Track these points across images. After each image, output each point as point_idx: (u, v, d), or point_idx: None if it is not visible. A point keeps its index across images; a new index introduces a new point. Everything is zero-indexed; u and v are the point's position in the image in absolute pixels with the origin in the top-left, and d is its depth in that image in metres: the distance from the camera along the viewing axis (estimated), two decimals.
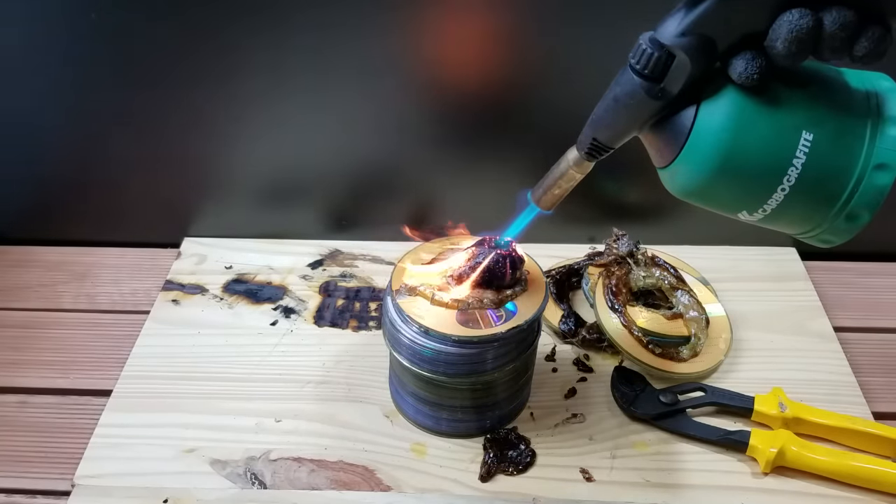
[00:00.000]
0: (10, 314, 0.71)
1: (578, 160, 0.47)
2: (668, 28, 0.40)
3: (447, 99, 0.71)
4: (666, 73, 0.41)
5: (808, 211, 0.43)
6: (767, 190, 0.42)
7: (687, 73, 0.41)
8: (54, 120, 0.72)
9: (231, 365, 0.65)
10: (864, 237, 0.47)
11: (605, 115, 0.44)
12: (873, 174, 0.41)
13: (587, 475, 0.57)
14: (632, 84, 0.42)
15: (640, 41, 0.41)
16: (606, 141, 0.45)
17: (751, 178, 0.42)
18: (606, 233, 0.71)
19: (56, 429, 0.61)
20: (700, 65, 0.40)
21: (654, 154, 0.46)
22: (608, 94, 0.44)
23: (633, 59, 0.41)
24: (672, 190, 0.45)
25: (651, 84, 0.42)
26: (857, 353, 0.67)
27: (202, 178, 0.76)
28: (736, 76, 0.40)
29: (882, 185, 0.41)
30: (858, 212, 0.42)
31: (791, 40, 0.38)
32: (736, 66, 0.40)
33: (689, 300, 0.67)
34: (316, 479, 0.56)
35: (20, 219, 0.79)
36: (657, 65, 0.41)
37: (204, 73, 0.69)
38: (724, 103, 0.41)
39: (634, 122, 0.44)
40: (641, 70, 0.41)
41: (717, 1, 0.39)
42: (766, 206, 0.43)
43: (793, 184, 0.41)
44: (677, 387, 0.61)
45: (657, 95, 0.42)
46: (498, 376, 0.56)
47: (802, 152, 0.41)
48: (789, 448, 0.56)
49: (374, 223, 0.78)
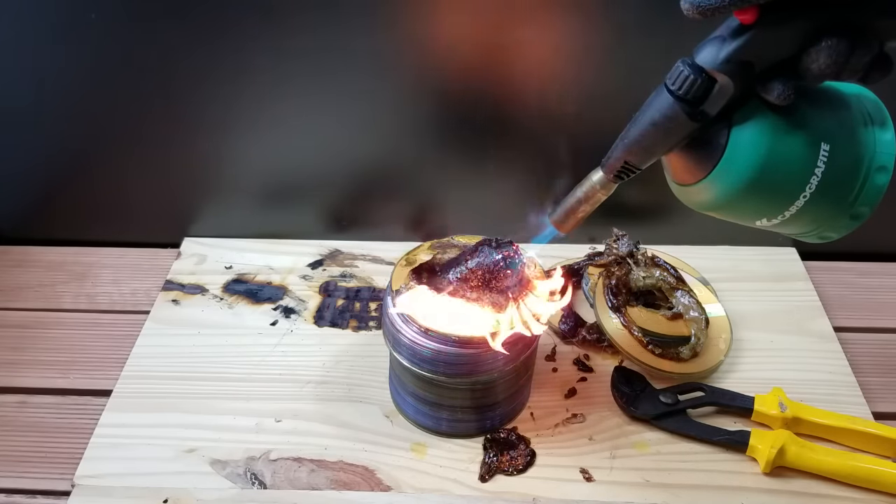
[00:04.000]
0: (10, 314, 0.71)
1: (605, 182, 0.48)
2: (708, 54, 0.42)
3: (447, 99, 0.71)
4: (707, 97, 0.43)
5: (820, 213, 0.45)
6: (791, 198, 0.44)
7: (728, 96, 0.42)
8: (54, 120, 0.72)
9: (231, 365, 0.65)
10: (864, 237, 0.47)
11: (640, 138, 0.45)
12: (874, 175, 0.44)
13: (587, 475, 0.57)
14: (671, 107, 0.43)
15: (680, 66, 0.42)
16: (638, 163, 0.46)
17: (779, 190, 0.44)
18: (606, 233, 0.71)
19: (56, 429, 0.61)
20: (740, 88, 0.42)
21: (680, 172, 0.47)
22: (642, 118, 0.45)
23: (674, 84, 0.43)
24: (696, 204, 0.47)
25: (691, 107, 0.43)
26: (857, 353, 0.67)
27: (202, 178, 0.76)
28: (774, 97, 0.42)
29: (882, 184, 0.44)
30: (861, 210, 0.45)
31: (829, 65, 0.40)
32: (774, 87, 0.41)
33: (689, 300, 0.67)
34: (316, 479, 0.56)
35: (20, 219, 0.79)
36: (699, 89, 0.42)
37: (204, 74, 0.69)
38: (758, 122, 0.43)
39: (670, 143, 0.45)
40: (683, 94, 0.43)
41: (761, 30, 0.40)
42: (786, 213, 0.45)
43: (813, 191, 0.44)
44: (677, 387, 0.61)
45: (697, 117, 0.43)
46: (498, 376, 0.56)
47: (822, 161, 0.43)
48: (789, 448, 0.56)
49: (374, 223, 0.78)
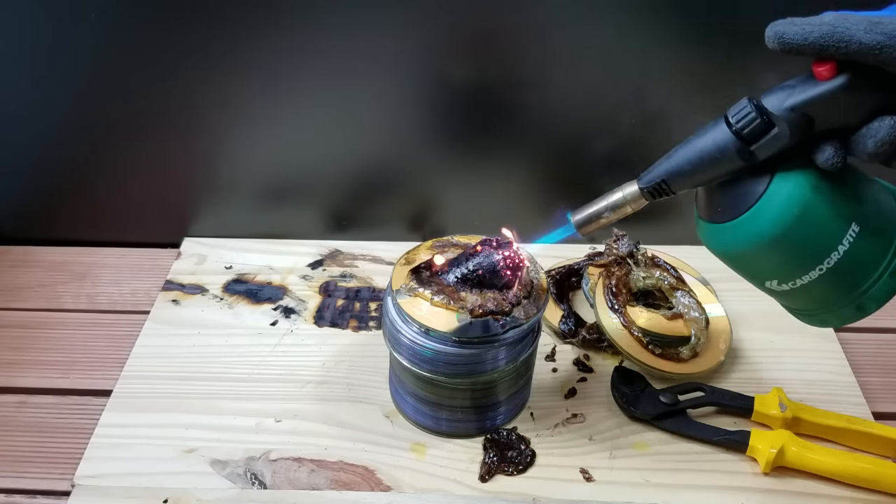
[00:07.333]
0: (10, 314, 0.71)
1: (637, 196, 0.47)
2: (775, 98, 0.42)
3: (447, 99, 0.71)
4: (760, 139, 0.42)
5: (829, 293, 0.45)
6: (807, 268, 0.44)
7: (782, 145, 0.42)
8: (54, 120, 0.72)
9: (231, 365, 0.65)
10: None
11: (685, 163, 0.45)
12: (890, 276, 0.44)
13: (587, 475, 0.57)
14: (725, 140, 0.43)
15: (744, 103, 0.42)
16: (675, 185, 0.46)
17: (797, 255, 0.44)
18: (606, 233, 0.71)
19: (56, 429, 0.61)
20: (795, 140, 0.42)
21: (709, 208, 0.46)
22: (694, 143, 0.44)
23: (734, 118, 0.43)
24: (715, 245, 0.46)
25: (744, 144, 0.43)
26: (857, 353, 0.67)
27: (202, 178, 0.76)
28: (822, 160, 0.42)
29: (894, 288, 0.44)
30: (868, 304, 0.44)
31: (886, 143, 0.40)
32: (825, 151, 0.41)
33: (689, 300, 0.67)
34: (316, 479, 0.56)
35: (20, 219, 0.79)
36: (756, 129, 0.42)
37: (204, 73, 0.69)
38: (799, 180, 0.43)
39: (711, 175, 0.45)
40: (740, 130, 0.42)
41: (833, 89, 0.40)
42: (798, 281, 0.44)
43: (831, 266, 0.43)
44: (677, 387, 0.61)
45: (745, 156, 0.43)
46: (498, 376, 0.56)
47: (848, 241, 0.43)
48: (789, 448, 0.56)
49: (374, 223, 0.78)
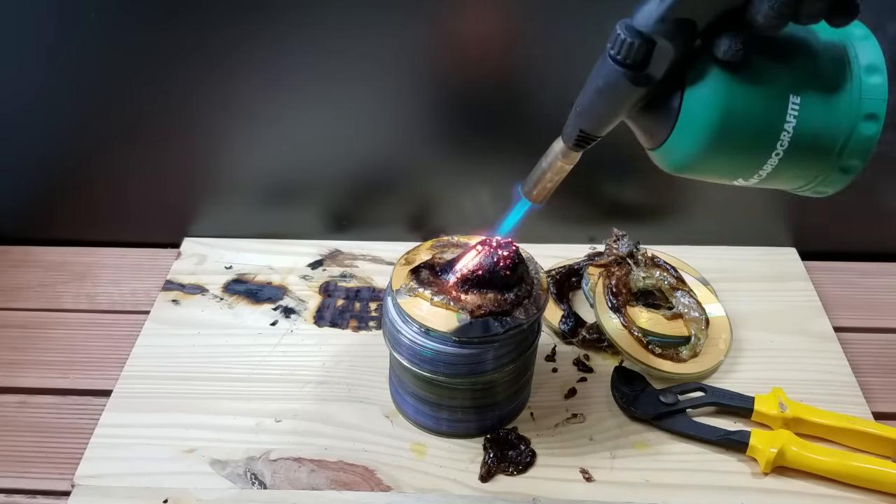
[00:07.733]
0: (10, 314, 0.71)
1: (566, 151, 0.47)
2: (644, 15, 0.40)
3: (447, 99, 0.71)
4: (648, 60, 0.41)
5: (802, 169, 0.43)
6: (762, 157, 0.42)
7: (670, 58, 0.40)
8: (54, 120, 0.72)
9: (231, 365, 0.65)
10: (864, 237, 0.48)
11: (589, 107, 0.44)
12: (861, 125, 0.41)
13: (587, 475, 0.57)
14: (614, 74, 0.41)
15: (618, 30, 0.40)
16: (592, 130, 0.45)
17: (744, 149, 0.42)
18: (606, 233, 0.71)
19: (56, 429, 0.61)
20: (682, 47, 0.40)
21: (643, 136, 0.46)
22: (590, 86, 0.43)
23: (613, 50, 0.41)
24: (665, 167, 0.46)
25: (634, 72, 0.41)
26: (857, 353, 0.67)
27: (202, 178, 0.76)
28: (721, 54, 0.40)
29: (871, 134, 0.42)
30: (851, 163, 0.42)
31: (773, 14, 0.38)
32: (720, 44, 0.40)
33: (689, 300, 0.67)
34: (316, 479, 0.56)
35: (20, 219, 0.79)
36: (638, 53, 0.40)
37: (204, 73, 0.69)
38: (709, 82, 0.41)
39: (620, 110, 0.43)
40: (623, 60, 0.41)
41: None
42: (761, 172, 0.43)
43: (786, 147, 0.41)
44: (677, 387, 0.61)
45: (641, 82, 0.41)
46: (498, 376, 0.56)
47: (792, 116, 0.41)
48: (789, 448, 0.56)
49: (374, 223, 0.78)
